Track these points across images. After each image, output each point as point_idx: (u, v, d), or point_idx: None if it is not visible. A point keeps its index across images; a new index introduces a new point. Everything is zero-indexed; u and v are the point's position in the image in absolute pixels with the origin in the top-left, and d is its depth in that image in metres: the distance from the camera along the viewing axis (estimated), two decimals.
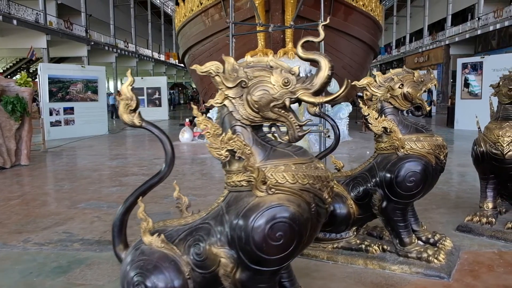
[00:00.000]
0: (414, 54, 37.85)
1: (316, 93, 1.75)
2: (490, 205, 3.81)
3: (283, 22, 7.71)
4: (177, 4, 12.18)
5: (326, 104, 5.89)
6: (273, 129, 1.89)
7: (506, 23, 23.81)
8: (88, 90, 13.63)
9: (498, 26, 24.76)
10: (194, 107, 1.88)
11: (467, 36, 28.48)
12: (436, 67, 31.48)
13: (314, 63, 1.74)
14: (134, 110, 1.74)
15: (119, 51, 34.44)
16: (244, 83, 1.76)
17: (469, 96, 12.34)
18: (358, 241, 3.15)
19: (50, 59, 25.64)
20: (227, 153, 1.75)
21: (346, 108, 10.68)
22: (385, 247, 3.10)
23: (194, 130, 11.48)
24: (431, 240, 3.17)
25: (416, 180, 2.82)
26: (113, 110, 22.04)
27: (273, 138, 1.93)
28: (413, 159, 2.84)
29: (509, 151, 3.50)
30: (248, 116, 1.79)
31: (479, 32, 27.00)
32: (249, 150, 1.77)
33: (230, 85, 1.77)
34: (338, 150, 6.68)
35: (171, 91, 37.90)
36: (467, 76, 12.81)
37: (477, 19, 27.80)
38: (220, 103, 1.82)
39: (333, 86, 8.32)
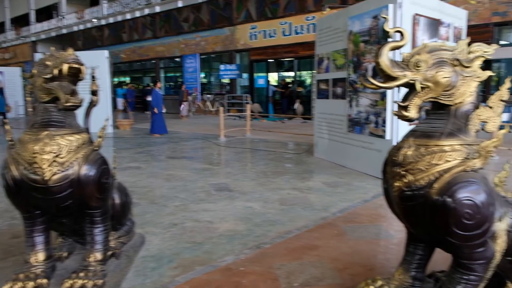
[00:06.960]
0: None
1: None
2: (41, 256, 2.50)
3: None
4: None
5: None
6: None
7: (89, 25, 24.39)
8: None
9: (82, 27, 25.05)
10: None
11: (53, 34, 27.53)
12: (25, 65, 28.83)
13: None
14: None
15: None
16: None
17: None
18: None
19: None
20: None
21: None
22: None
23: None
24: None
25: None
26: None
27: None
28: None
29: (53, 175, 2.28)
30: None
31: (64, 31, 26.56)
32: None
33: None
34: None
35: None
36: None
37: (60, 18, 27.22)
38: None
39: None
